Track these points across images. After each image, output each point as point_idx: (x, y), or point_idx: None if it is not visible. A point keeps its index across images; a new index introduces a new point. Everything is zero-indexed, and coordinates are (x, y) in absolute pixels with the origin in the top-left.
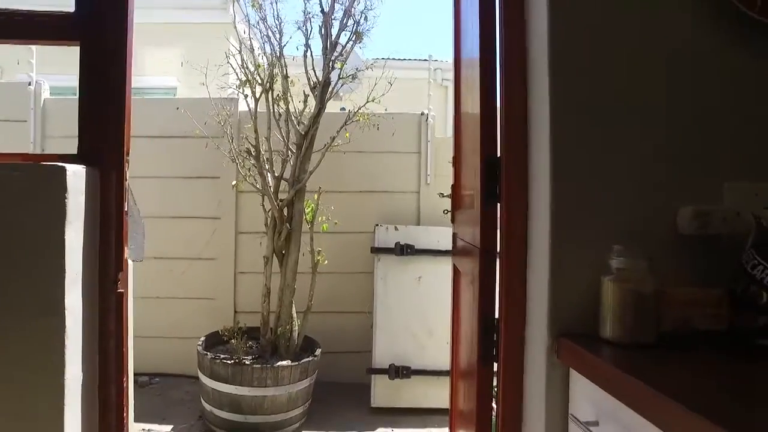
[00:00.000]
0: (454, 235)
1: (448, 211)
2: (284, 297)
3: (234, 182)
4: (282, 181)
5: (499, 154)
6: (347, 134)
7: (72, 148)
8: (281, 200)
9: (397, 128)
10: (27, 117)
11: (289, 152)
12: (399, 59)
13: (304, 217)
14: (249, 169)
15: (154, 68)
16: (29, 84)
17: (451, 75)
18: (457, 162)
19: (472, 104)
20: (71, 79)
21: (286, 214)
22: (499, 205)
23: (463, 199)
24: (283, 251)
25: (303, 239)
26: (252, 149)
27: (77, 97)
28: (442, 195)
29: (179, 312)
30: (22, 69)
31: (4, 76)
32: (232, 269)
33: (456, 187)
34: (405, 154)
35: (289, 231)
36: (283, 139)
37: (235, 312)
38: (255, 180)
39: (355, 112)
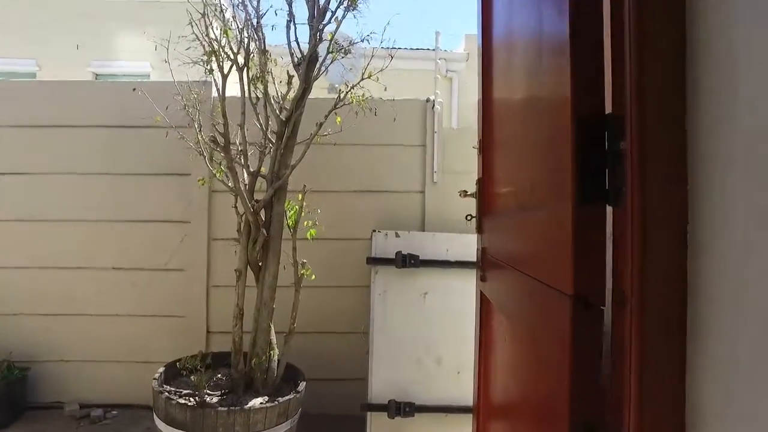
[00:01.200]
0: (483, 251)
1: (472, 217)
2: (261, 319)
3: (200, 179)
4: (259, 178)
5: (608, 111)
6: (338, 119)
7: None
8: (257, 201)
9: (398, 117)
10: None
11: (268, 144)
12: (400, 48)
13: (285, 222)
14: (220, 163)
15: (126, 53)
16: None
17: (456, 66)
18: (486, 144)
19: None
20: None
21: (263, 217)
22: (611, 208)
23: (498, 199)
24: (260, 263)
25: (284, 248)
26: (220, 138)
27: None
28: (464, 193)
29: (142, 332)
30: None
31: None
32: (204, 282)
33: (485, 181)
34: (407, 147)
35: (267, 238)
36: (261, 127)
37: (208, 332)
38: (226, 177)
39: (348, 91)
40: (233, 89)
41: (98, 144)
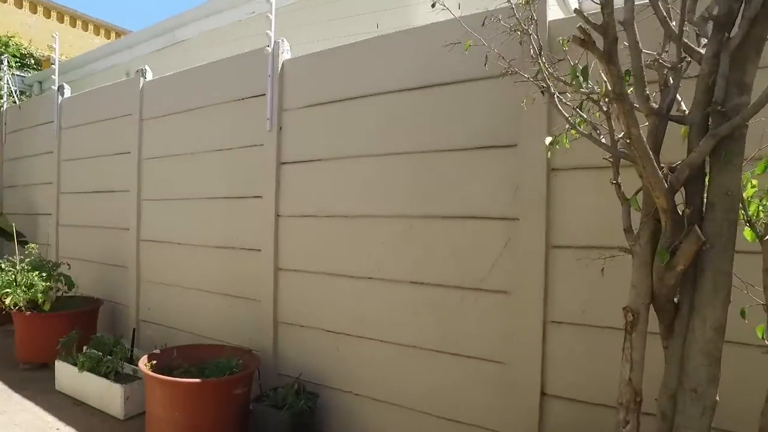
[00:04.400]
0: None
1: None
2: (682, 420)
3: (549, 139)
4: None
5: None
6: None
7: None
8: (672, 169)
9: None
10: (264, 88)
11: (682, 59)
12: None
13: (741, 213)
14: (580, 105)
15: (427, 16)
16: (267, 46)
17: None
18: None
19: None
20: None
21: (685, 204)
22: None
23: None
24: (677, 298)
25: (736, 270)
26: (598, 33)
27: None
28: None
29: (445, 375)
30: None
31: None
32: (539, 314)
33: None
34: None
35: (701, 245)
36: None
37: (543, 394)
38: (594, 130)
39: None
40: None
41: (394, 115)
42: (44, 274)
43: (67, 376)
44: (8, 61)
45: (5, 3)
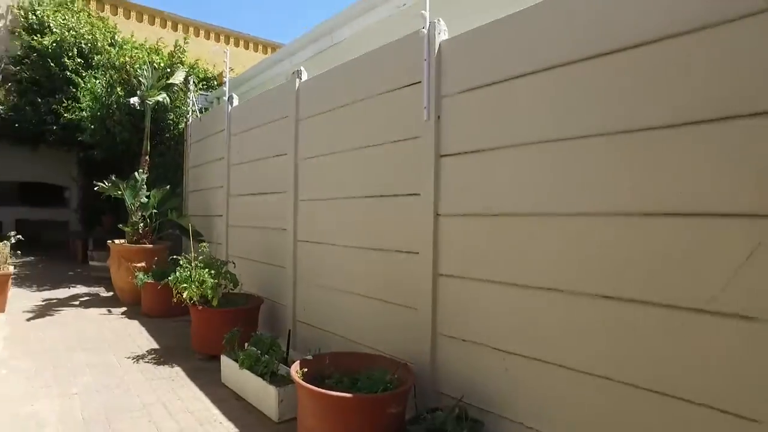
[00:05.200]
0: None
1: None
2: None
3: None
4: None
5: None
6: None
7: None
8: None
9: None
10: (419, 74)
11: None
12: None
13: None
14: None
15: None
16: (422, 28)
17: None
18: None
19: None
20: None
21: None
22: None
23: None
24: None
25: None
26: None
27: None
28: None
29: (649, 423)
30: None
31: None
32: None
33: None
34: None
35: None
36: None
37: None
38: None
39: None
40: None
41: (575, 91)
42: (213, 272)
43: (230, 370)
44: (193, 81)
45: (197, 36)
